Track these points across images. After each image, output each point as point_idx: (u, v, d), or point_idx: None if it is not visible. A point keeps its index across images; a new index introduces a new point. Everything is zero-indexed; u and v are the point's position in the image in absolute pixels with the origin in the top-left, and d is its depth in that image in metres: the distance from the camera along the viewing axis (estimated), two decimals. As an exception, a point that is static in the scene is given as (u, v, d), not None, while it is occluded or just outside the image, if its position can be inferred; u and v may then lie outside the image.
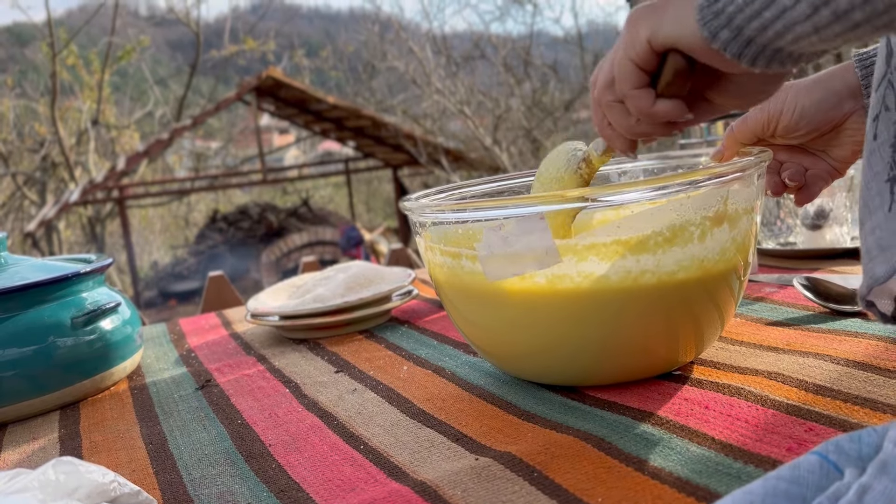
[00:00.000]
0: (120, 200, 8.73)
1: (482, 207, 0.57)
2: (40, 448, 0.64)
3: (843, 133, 0.64)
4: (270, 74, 7.91)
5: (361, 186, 13.58)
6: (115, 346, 0.78)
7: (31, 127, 11.00)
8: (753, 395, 0.53)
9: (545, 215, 0.53)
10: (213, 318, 1.08)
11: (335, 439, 0.57)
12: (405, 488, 0.47)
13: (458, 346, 0.77)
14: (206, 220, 10.62)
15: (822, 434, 0.46)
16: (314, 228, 9.17)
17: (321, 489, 0.49)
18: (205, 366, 0.83)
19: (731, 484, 0.41)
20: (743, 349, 0.64)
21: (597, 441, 0.50)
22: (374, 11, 9.78)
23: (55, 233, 10.04)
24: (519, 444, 0.51)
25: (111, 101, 11.85)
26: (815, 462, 0.33)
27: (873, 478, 0.31)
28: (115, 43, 10.86)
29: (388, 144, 8.91)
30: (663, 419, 0.52)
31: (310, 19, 27.74)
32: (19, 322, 0.72)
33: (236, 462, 0.55)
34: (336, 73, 12.05)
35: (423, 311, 0.95)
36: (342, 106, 8.45)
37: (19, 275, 0.76)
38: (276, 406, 0.66)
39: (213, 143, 14.68)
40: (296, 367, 0.78)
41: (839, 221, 0.98)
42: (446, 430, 0.56)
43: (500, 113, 7.93)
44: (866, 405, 0.49)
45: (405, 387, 0.67)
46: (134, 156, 8.27)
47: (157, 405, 0.71)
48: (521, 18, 14.63)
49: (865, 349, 0.59)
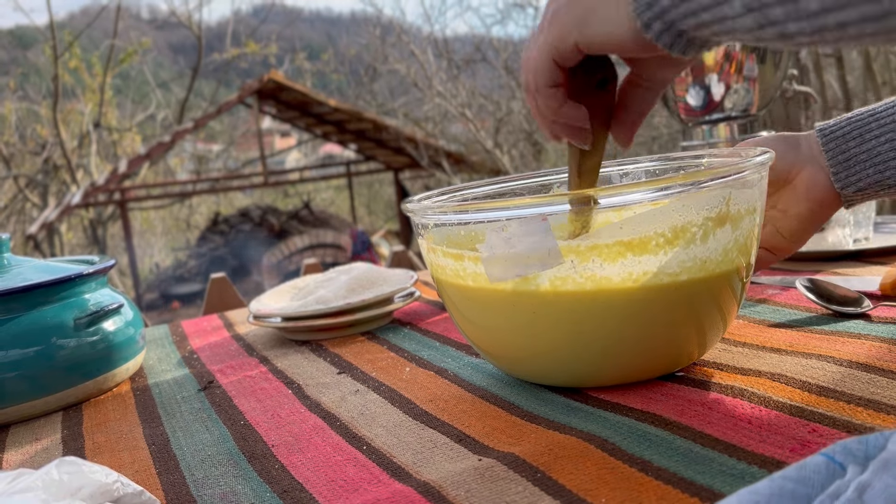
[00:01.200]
0: (121, 203, 8.75)
1: (485, 209, 0.57)
2: (43, 449, 0.64)
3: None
4: (272, 77, 7.92)
5: (363, 189, 13.59)
6: (118, 347, 0.78)
7: (33, 129, 11.03)
8: (756, 397, 0.53)
9: (548, 217, 0.53)
10: (216, 319, 1.08)
11: (338, 440, 0.57)
12: (408, 489, 0.47)
13: (461, 347, 0.77)
14: (207, 223, 10.62)
15: (826, 435, 0.46)
16: (315, 231, 9.17)
17: (324, 490, 0.49)
18: (207, 367, 0.83)
19: (734, 484, 0.41)
20: (746, 350, 0.64)
21: (600, 442, 0.50)
22: (375, 15, 9.79)
23: (57, 235, 10.06)
24: (522, 445, 0.51)
25: (113, 104, 11.88)
26: (822, 462, 0.33)
27: (874, 475, 0.31)
28: (117, 46, 10.88)
29: (390, 147, 8.93)
30: (666, 420, 0.52)
31: (311, 22, 27.80)
32: (22, 323, 0.72)
33: (239, 463, 0.55)
34: (337, 76, 12.07)
35: (426, 313, 0.95)
36: (343, 109, 8.46)
37: (22, 276, 0.76)
38: (279, 407, 0.67)
39: (214, 146, 14.71)
40: (298, 368, 0.78)
41: (841, 224, 0.98)
42: (449, 430, 0.56)
43: (502, 116, 7.93)
44: (869, 406, 0.49)
45: (408, 388, 0.67)
46: (135, 158, 8.28)
47: (160, 406, 0.72)
48: (522, 21, 14.65)
49: (868, 351, 0.59)
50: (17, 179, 10.60)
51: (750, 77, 1.24)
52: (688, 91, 1.28)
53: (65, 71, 10.38)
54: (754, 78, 1.25)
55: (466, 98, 7.85)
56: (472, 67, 8.73)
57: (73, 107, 11.01)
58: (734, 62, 1.23)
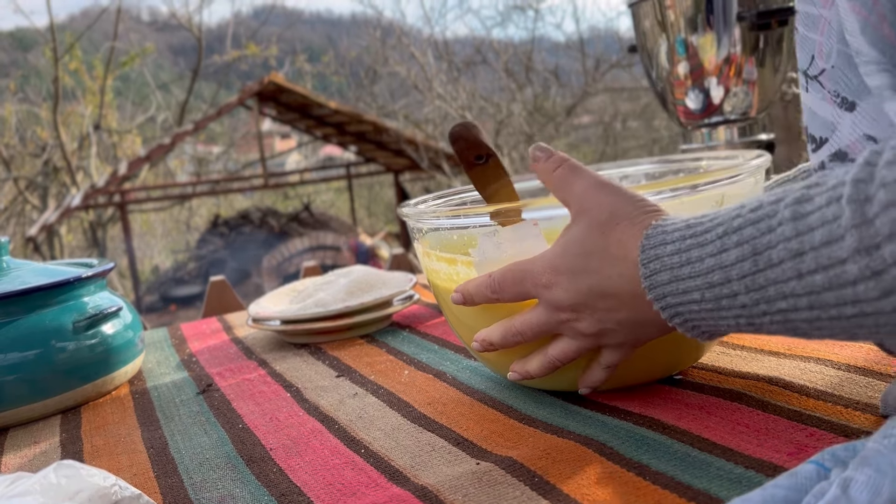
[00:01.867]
0: (121, 205, 8.74)
1: (476, 214, 0.57)
2: (41, 452, 0.64)
3: None
4: (272, 79, 7.92)
5: (363, 191, 13.58)
6: (117, 350, 0.78)
7: (33, 131, 11.03)
8: (754, 401, 0.53)
9: (538, 222, 0.53)
10: (215, 322, 1.08)
11: (336, 443, 0.57)
12: (406, 493, 0.47)
13: (459, 350, 0.77)
14: (207, 225, 10.61)
15: (823, 439, 0.46)
16: (315, 233, 9.17)
17: (322, 493, 0.49)
18: (206, 370, 0.83)
19: (732, 489, 0.41)
20: (744, 353, 0.64)
21: (598, 446, 0.50)
22: (375, 17, 9.79)
23: (56, 237, 10.06)
24: (520, 449, 0.51)
25: (113, 106, 11.88)
26: (813, 470, 0.34)
27: (855, 470, 0.31)
28: (118, 48, 10.89)
29: (390, 149, 8.92)
30: (664, 424, 0.52)
31: (312, 24, 27.80)
32: (21, 326, 0.72)
33: (237, 466, 0.55)
34: (338, 78, 12.07)
35: (424, 316, 0.95)
36: (344, 111, 8.46)
37: (21, 279, 0.76)
38: (277, 410, 0.67)
39: (214, 148, 14.71)
40: (297, 371, 0.78)
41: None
42: (447, 434, 0.56)
43: (502, 118, 7.94)
44: (867, 411, 0.49)
45: (406, 391, 0.67)
46: (136, 160, 8.28)
47: (159, 409, 0.72)
48: (522, 24, 14.63)
49: (867, 354, 0.59)
50: (17, 181, 10.60)
51: (749, 80, 1.25)
52: (687, 94, 1.28)
53: (65, 73, 10.39)
54: (753, 81, 1.25)
55: (467, 100, 7.85)
56: (473, 69, 8.74)
57: (73, 109, 11.01)
58: (733, 65, 1.23)
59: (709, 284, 0.41)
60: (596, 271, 0.48)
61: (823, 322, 0.37)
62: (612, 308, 0.48)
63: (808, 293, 0.36)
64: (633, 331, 0.50)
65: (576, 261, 0.49)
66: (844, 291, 0.34)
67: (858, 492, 0.30)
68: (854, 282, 0.33)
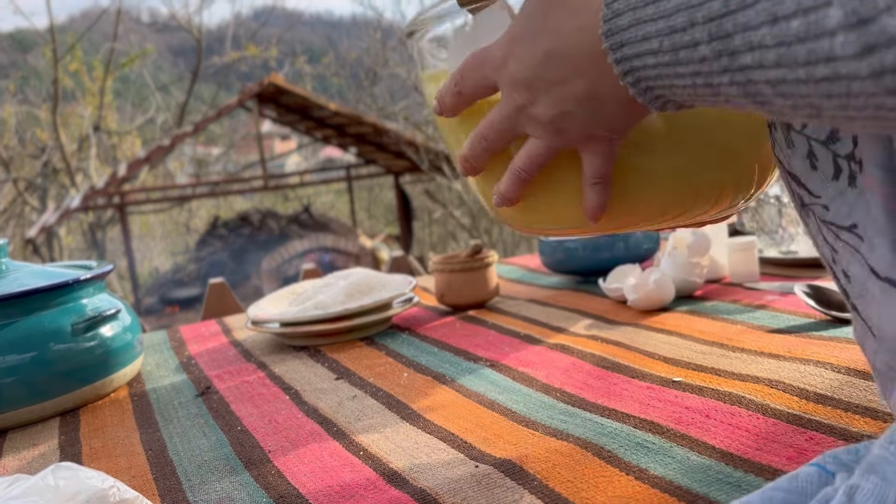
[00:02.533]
0: (121, 206, 8.75)
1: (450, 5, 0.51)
2: (40, 454, 0.64)
3: None
4: (272, 81, 7.93)
5: (363, 193, 13.59)
6: (116, 352, 0.78)
7: (32, 133, 11.03)
8: (754, 404, 0.53)
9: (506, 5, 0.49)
10: (214, 325, 1.08)
11: (335, 446, 0.57)
12: (404, 496, 0.47)
13: (459, 353, 0.77)
14: (206, 227, 10.61)
15: (823, 443, 0.46)
16: (315, 235, 9.17)
17: (320, 496, 0.49)
18: (205, 372, 0.83)
19: (731, 493, 0.41)
20: (744, 356, 0.64)
21: (597, 449, 0.49)
22: (376, 18, 9.82)
23: (56, 239, 10.06)
24: (519, 452, 0.51)
25: (113, 107, 11.89)
26: (814, 472, 0.33)
27: (861, 478, 0.31)
28: (117, 49, 10.90)
29: (390, 151, 8.92)
30: (664, 427, 0.51)
31: (312, 26, 27.79)
32: (19, 328, 0.72)
33: (236, 468, 0.55)
34: (338, 80, 12.08)
35: (424, 319, 0.95)
36: (344, 112, 8.46)
37: (19, 281, 0.76)
38: (276, 413, 0.66)
39: (214, 150, 14.71)
40: (296, 373, 0.78)
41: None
42: (446, 436, 0.56)
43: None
44: (867, 414, 0.49)
45: (405, 393, 0.67)
46: (135, 162, 8.28)
47: (157, 412, 0.71)
48: (522, 26, 14.54)
49: (866, 357, 0.59)
50: (17, 183, 10.60)
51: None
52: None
53: (65, 74, 10.39)
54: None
55: (466, 102, 7.84)
56: (472, 71, 8.73)
57: (72, 110, 11.01)
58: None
59: (671, 29, 0.37)
60: (554, 30, 0.44)
61: (789, 86, 0.33)
62: (567, 79, 0.44)
63: (778, 44, 0.33)
64: (594, 114, 0.44)
65: (533, 21, 0.45)
66: (820, 44, 0.31)
67: (864, 499, 0.30)
68: (833, 31, 0.31)
